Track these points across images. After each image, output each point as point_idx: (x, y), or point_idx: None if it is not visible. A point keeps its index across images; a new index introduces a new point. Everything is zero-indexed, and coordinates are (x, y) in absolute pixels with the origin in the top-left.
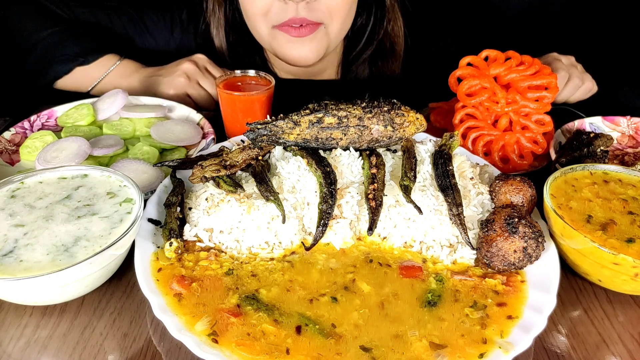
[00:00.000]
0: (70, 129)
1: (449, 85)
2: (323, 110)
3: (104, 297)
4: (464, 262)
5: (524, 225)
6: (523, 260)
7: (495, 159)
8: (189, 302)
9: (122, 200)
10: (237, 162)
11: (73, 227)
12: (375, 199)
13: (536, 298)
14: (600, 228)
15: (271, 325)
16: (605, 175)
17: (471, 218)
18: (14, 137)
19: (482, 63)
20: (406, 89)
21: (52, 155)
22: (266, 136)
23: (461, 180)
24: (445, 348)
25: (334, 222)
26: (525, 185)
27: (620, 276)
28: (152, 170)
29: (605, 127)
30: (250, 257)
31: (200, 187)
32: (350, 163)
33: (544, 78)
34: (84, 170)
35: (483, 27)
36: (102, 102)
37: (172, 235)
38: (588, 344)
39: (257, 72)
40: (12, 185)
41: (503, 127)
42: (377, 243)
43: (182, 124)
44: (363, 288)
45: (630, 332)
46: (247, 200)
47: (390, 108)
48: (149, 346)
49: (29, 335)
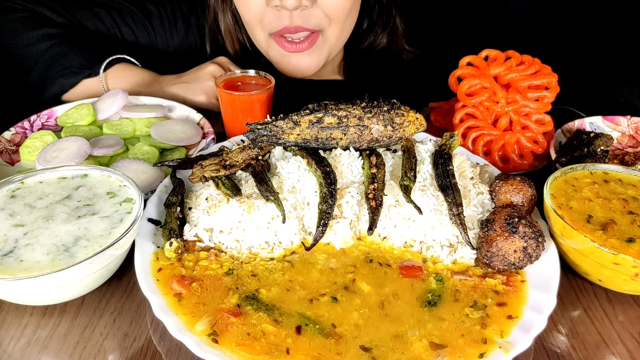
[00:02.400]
0: (70, 129)
1: (449, 85)
2: (323, 110)
3: (104, 297)
4: (464, 262)
5: (524, 225)
6: (523, 260)
7: (495, 158)
8: (189, 302)
9: (122, 200)
10: (237, 162)
11: (73, 227)
12: (375, 198)
13: (536, 298)
14: (600, 228)
15: (271, 325)
16: (605, 175)
17: (471, 218)
18: (14, 137)
19: (482, 63)
20: (406, 89)
21: (52, 155)
22: (266, 136)
23: (461, 180)
24: (445, 348)
25: (334, 222)
26: (525, 185)
27: (620, 276)
28: (152, 170)
29: (605, 126)
30: (250, 257)
31: (200, 187)
32: (350, 163)
33: (544, 78)
34: (84, 170)
35: (483, 27)
36: (102, 102)
37: (172, 235)
38: (588, 343)
39: (257, 72)
40: (12, 185)
41: (503, 127)
42: (377, 243)
43: (182, 124)
44: (363, 288)
45: (630, 331)
46: (247, 200)
47: (390, 108)
48: (149, 346)
49: (29, 335)
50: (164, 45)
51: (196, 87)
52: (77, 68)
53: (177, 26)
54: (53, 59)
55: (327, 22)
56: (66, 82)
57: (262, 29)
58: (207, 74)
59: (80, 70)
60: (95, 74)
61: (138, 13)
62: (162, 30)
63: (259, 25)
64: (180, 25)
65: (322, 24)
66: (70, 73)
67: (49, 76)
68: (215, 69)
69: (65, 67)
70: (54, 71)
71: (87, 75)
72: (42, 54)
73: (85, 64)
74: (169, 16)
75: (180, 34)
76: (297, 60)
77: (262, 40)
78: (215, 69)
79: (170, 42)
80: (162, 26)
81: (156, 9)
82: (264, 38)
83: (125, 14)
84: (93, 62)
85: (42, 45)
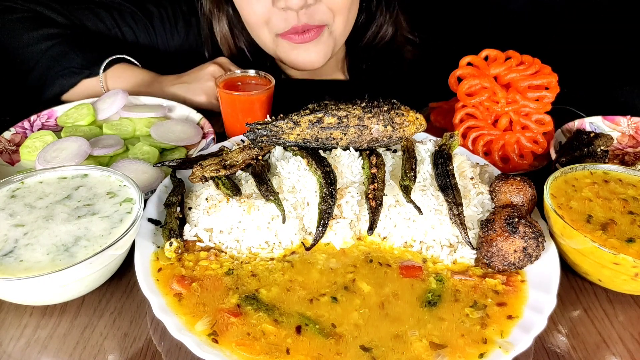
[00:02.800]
0: (70, 129)
1: (449, 85)
2: (323, 110)
3: (104, 297)
4: (464, 262)
5: (524, 225)
6: (523, 260)
7: (495, 158)
8: (189, 302)
9: (122, 200)
10: (237, 162)
11: (73, 227)
12: (375, 198)
13: (536, 298)
14: (600, 228)
15: (271, 325)
16: (605, 175)
17: (471, 218)
18: (14, 137)
19: (482, 63)
20: (406, 89)
21: (52, 155)
22: (266, 136)
23: (461, 180)
24: (446, 348)
25: (334, 222)
26: (525, 185)
27: (620, 276)
28: (152, 170)
29: (605, 126)
30: (250, 257)
31: (200, 187)
32: (350, 163)
33: (544, 78)
34: (84, 170)
35: (483, 27)
36: (102, 102)
37: (172, 235)
38: (588, 343)
39: (257, 72)
40: (12, 185)
41: (503, 127)
42: (377, 243)
43: (182, 124)
44: (363, 288)
45: (630, 331)
46: (247, 200)
47: (390, 108)
48: (149, 346)
49: (29, 335)
50: (164, 45)
51: (196, 88)
52: (77, 68)
53: (178, 27)
54: (53, 59)
55: (331, 16)
56: (66, 82)
57: (268, 31)
58: (208, 74)
59: (80, 71)
60: (95, 74)
61: (139, 14)
62: (163, 31)
63: (265, 27)
64: (180, 25)
65: (327, 18)
66: (70, 73)
67: (49, 76)
68: (215, 69)
69: (65, 67)
70: (54, 71)
71: (87, 75)
72: (42, 54)
73: (85, 64)
74: (170, 17)
75: (181, 35)
76: (306, 52)
77: (268, 41)
78: (215, 69)
79: (171, 43)
80: (162, 27)
81: (157, 9)
82: (270, 39)
83: (126, 15)
84: (93, 62)
85: (43, 45)
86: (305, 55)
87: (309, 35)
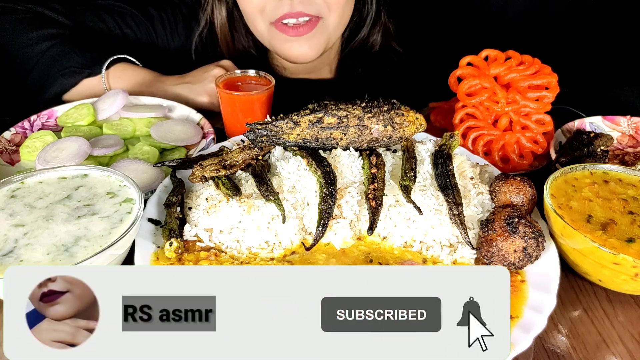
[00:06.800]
0: (70, 129)
1: (449, 85)
2: (323, 110)
3: None
4: (464, 262)
5: (524, 225)
6: (523, 260)
7: (495, 158)
8: None
9: (122, 200)
10: (237, 162)
11: (73, 227)
12: (375, 198)
13: (536, 298)
14: (600, 228)
15: None
16: (605, 175)
17: (471, 218)
18: (14, 137)
19: (482, 63)
20: (406, 89)
21: (52, 155)
22: (266, 136)
23: (461, 180)
24: None
25: (334, 222)
26: (525, 185)
27: (620, 276)
28: (152, 170)
29: (605, 126)
30: (250, 257)
31: (200, 187)
32: (350, 163)
33: (544, 78)
34: (84, 170)
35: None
36: (102, 102)
37: (172, 235)
38: (588, 344)
39: (257, 72)
40: (12, 185)
41: (503, 127)
42: (377, 243)
43: (182, 124)
44: None
45: (630, 331)
46: (247, 200)
47: (390, 108)
48: None
49: None
50: (165, 47)
51: (199, 89)
52: (77, 67)
53: (178, 29)
54: (53, 58)
55: (326, 9)
56: (67, 82)
57: (262, 20)
58: (211, 76)
59: (81, 70)
60: (96, 74)
61: (140, 16)
62: (164, 34)
63: (260, 16)
64: (181, 28)
65: (322, 11)
66: (71, 72)
67: (50, 76)
68: (219, 72)
69: (66, 67)
70: (54, 71)
71: (87, 74)
72: (42, 53)
73: (86, 63)
74: (170, 20)
75: (182, 37)
76: (299, 45)
77: (263, 31)
78: (219, 72)
79: (172, 45)
80: (163, 30)
81: (157, 12)
82: (265, 28)
83: (127, 16)
84: (94, 61)
85: (43, 45)
86: (299, 48)
87: (303, 28)
